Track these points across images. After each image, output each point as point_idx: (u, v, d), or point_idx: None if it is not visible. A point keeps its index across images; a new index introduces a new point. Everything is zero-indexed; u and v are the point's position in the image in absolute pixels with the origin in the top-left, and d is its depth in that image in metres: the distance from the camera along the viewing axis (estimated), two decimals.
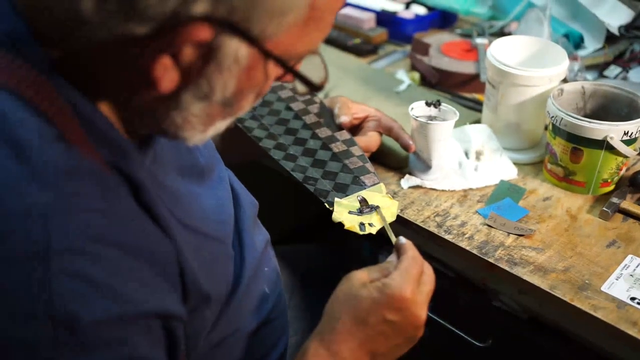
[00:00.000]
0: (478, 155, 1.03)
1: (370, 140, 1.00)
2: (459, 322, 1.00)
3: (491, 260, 0.86)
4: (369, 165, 0.96)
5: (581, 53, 1.28)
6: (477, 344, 0.98)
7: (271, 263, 0.84)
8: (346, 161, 0.96)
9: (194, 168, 0.72)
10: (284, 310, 0.86)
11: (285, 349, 0.84)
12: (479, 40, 1.35)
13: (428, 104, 1.00)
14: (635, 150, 0.95)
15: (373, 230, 0.86)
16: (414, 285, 0.69)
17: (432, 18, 1.48)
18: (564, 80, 1.08)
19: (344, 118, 1.00)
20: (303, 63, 0.59)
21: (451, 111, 0.99)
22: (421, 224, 0.93)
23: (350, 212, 0.88)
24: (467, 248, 0.89)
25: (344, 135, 1.00)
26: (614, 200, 0.95)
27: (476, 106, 1.19)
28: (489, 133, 1.06)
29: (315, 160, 0.97)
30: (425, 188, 0.99)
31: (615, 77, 1.24)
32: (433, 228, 0.92)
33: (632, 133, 0.92)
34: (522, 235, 0.90)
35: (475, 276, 0.94)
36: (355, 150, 0.98)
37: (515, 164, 1.04)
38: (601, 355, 0.85)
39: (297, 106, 1.05)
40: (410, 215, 0.94)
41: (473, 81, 1.26)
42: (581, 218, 0.94)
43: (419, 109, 1.00)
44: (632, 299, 0.80)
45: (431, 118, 0.99)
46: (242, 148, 1.02)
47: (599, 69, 1.27)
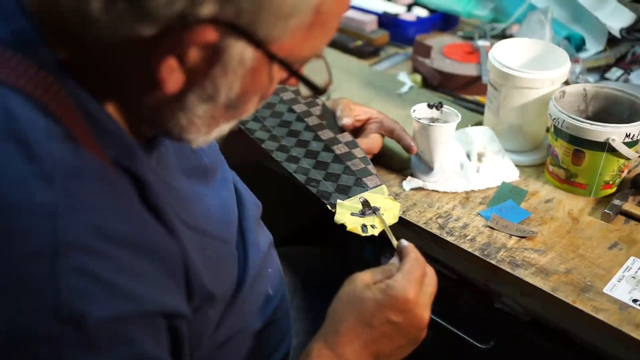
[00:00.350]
0: (480, 157, 1.03)
1: (372, 142, 1.00)
2: (461, 324, 1.00)
3: (493, 262, 0.86)
4: (371, 167, 0.96)
5: (583, 55, 1.28)
6: (479, 346, 0.98)
7: (274, 264, 0.84)
8: (348, 163, 0.96)
9: (199, 169, 0.72)
10: (287, 311, 0.86)
11: (288, 350, 0.85)
12: (481, 42, 1.35)
13: (430, 106, 1.00)
14: (637, 152, 0.95)
15: (375, 232, 0.86)
16: (417, 286, 0.69)
17: (434, 20, 1.48)
18: (566, 82, 1.08)
19: (346, 120, 1.00)
20: (307, 66, 0.59)
21: (453, 113, 0.99)
22: (423, 226, 0.93)
23: (352, 214, 0.88)
24: (469, 250, 0.89)
25: (346, 137, 1.00)
26: (616, 202, 0.95)
27: (478, 108, 1.20)
28: (491, 135, 1.06)
29: (317, 162, 0.97)
30: (427, 190, 1.00)
31: (617, 80, 1.24)
32: (435, 230, 0.92)
33: (634, 135, 0.92)
34: (524, 237, 0.90)
35: (477, 278, 0.94)
36: (357, 152, 0.98)
37: (517, 166, 1.04)
38: (603, 357, 0.85)
39: (300, 108, 1.05)
40: (412, 217, 0.94)
41: (475, 83, 1.26)
42: (583, 220, 0.94)
43: (421, 111, 1.00)
44: (634, 301, 0.80)
45: (433, 120, 1.00)
46: (245, 150, 1.02)
47: (601, 72, 1.27)
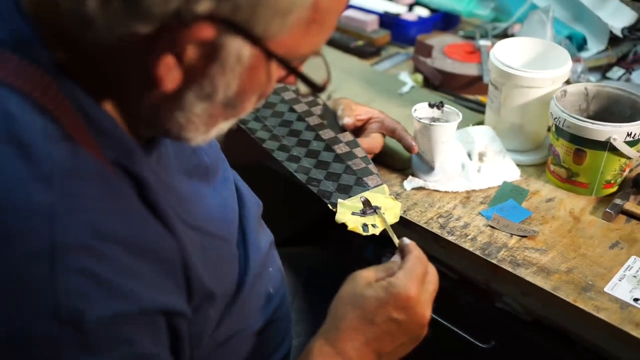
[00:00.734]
0: (481, 156, 1.03)
1: (373, 141, 1.00)
2: (462, 324, 1.00)
3: (494, 261, 0.86)
4: (372, 166, 0.96)
5: (584, 55, 1.28)
6: (480, 345, 0.98)
7: (275, 264, 0.84)
8: (349, 162, 0.96)
9: (199, 168, 0.72)
10: (288, 310, 0.86)
11: (288, 350, 0.84)
12: (482, 42, 1.35)
13: (431, 106, 1.00)
14: (638, 151, 0.95)
15: (376, 231, 0.86)
16: (419, 284, 0.69)
17: (435, 20, 1.48)
18: (567, 81, 1.08)
19: (347, 120, 1.00)
20: (306, 64, 0.59)
21: (454, 113, 0.99)
22: (424, 225, 0.93)
23: (353, 213, 0.88)
24: (470, 249, 0.89)
25: (347, 136, 1.00)
26: (617, 201, 0.95)
27: (479, 108, 1.19)
28: (492, 135, 1.06)
29: (318, 161, 0.97)
30: (428, 189, 1.00)
31: (618, 79, 1.24)
32: (436, 229, 0.92)
33: (635, 134, 0.92)
34: (525, 236, 0.90)
35: (478, 277, 0.94)
36: (358, 151, 0.98)
37: (518, 166, 1.04)
38: (603, 356, 0.85)
39: (301, 108, 1.05)
40: (413, 216, 0.94)
41: (476, 83, 1.26)
42: (584, 219, 0.94)
43: (422, 111, 1.00)
44: (635, 300, 0.80)
45: (434, 120, 1.00)
46: (246, 149, 1.02)
47: (602, 71, 1.27)
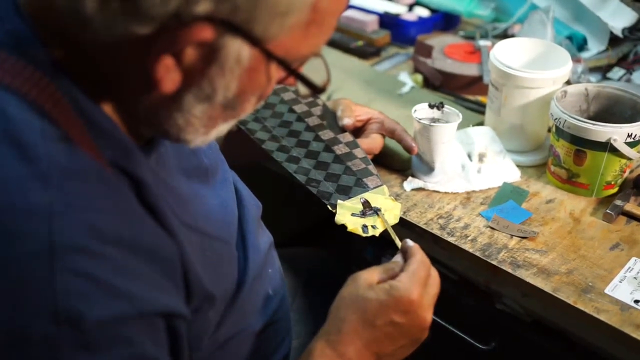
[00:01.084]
0: (481, 157, 1.03)
1: (373, 142, 1.00)
2: (462, 325, 1.00)
3: (494, 262, 0.86)
4: (372, 167, 0.96)
5: (584, 55, 1.28)
6: (480, 347, 0.97)
7: (275, 265, 0.84)
8: (349, 163, 0.96)
9: (198, 169, 0.72)
10: (288, 312, 0.86)
11: (288, 351, 0.84)
12: (482, 42, 1.35)
13: (431, 106, 1.00)
14: (639, 152, 0.94)
15: (376, 232, 0.86)
16: (421, 288, 0.69)
17: (435, 20, 1.48)
18: (568, 82, 1.07)
19: (347, 120, 1.00)
20: (306, 65, 0.59)
21: (454, 113, 0.99)
22: (424, 227, 0.92)
23: (353, 215, 0.88)
24: (470, 250, 0.88)
25: (347, 137, 1.00)
26: (618, 202, 0.94)
27: (479, 108, 1.19)
28: (492, 135, 1.05)
29: (318, 162, 0.96)
30: (428, 190, 0.99)
31: (618, 79, 1.24)
32: (436, 230, 0.92)
33: (636, 135, 0.92)
34: (525, 237, 0.90)
35: (478, 279, 0.93)
36: (358, 152, 0.97)
37: (518, 166, 1.04)
38: (604, 358, 0.85)
39: (300, 108, 1.05)
40: (413, 217, 0.94)
41: (476, 83, 1.26)
42: (584, 220, 0.94)
43: (422, 111, 1.00)
44: (636, 302, 0.80)
45: (434, 120, 0.99)
46: (245, 150, 1.02)
47: (603, 71, 1.27)
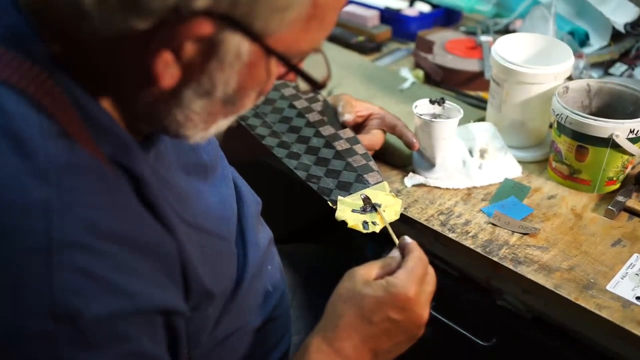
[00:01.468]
0: (482, 153, 1.03)
1: (373, 138, 1.00)
2: (463, 321, 1.00)
3: (495, 259, 0.86)
4: (373, 163, 0.95)
5: (586, 50, 1.27)
6: (481, 343, 0.97)
7: (274, 261, 0.84)
8: (349, 159, 0.95)
9: (198, 165, 0.72)
10: (287, 308, 0.85)
11: (288, 348, 0.84)
12: (484, 37, 1.34)
13: (432, 102, 0.99)
14: None
15: (376, 228, 0.86)
16: (418, 285, 0.69)
17: (436, 15, 1.47)
18: (569, 78, 1.07)
19: (348, 116, 1.00)
20: (306, 61, 0.59)
21: (455, 109, 0.98)
22: (425, 223, 0.92)
23: (353, 211, 0.88)
24: (471, 247, 0.88)
25: (348, 133, 1.00)
26: (620, 198, 0.94)
27: (480, 104, 1.19)
28: (493, 131, 1.05)
29: (318, 158, 0.96)
30: (429, 186, 0.99)
31: (620, 75, 1.23)
32: (437, 227, 0.92)
33: (638, 131, 0.92)
34: (527, 233, 0.90)
35: (479, 275, 0.93)
36: (358, 148, 0.97)
37: (519, 162, 1.03)
38: (606, 355, 0.84)
39: (301, 104, 1.04)
40: (413, 213, 0.94)
41: (477, 79, 1.25)
42: (586, 216, 0.93)
43: (423, 107, 0.99)
44: (638, 298, 0.79)
45: (435, 116, 0.99)
46: (245, 146, 1.01)
47: (605, 67, 1.26)
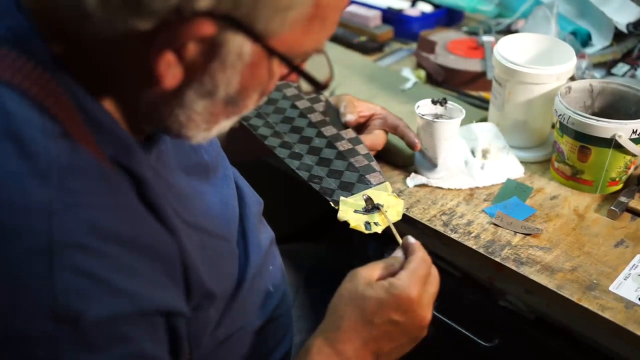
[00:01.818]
0: (484, 153, 1.02)
1: (375, 138, 0.99)
2: (465, 322, 1.00)
3: (498, 259, 0.86)
4: (375, 163, 0.95)
5: (589, 51, 1.27)
6: (484, 344, 0.97)
7: (276, 261, 0.84)
8: (352, 160, 0.95)
9: (199, 166, 0.72)
10: (289, 308, 0.85)
11: (289, 348, 0.84)
12: (486, 37, 1.34)
13: (434, 102, 0.99)
14: None
15: (379, 229, 0.86)
16: (421, 286, 0.69)
17: (438, 16, 1.47)
18: (572, 78, 1.07)
19: (350, 116, 0.99)
20: (308, 61, 0.59)
21: (457, 109, 0.98)
22: (427, 223, 0.92)
23: (355, 211, 0.88)
24: (474, 247, 0.88)
25: (350, 133, 0.99)
26: (622, 199, 0.94)
27: (483, 104, 1.19)
28: (496, 131, 1.05)
29: (320, 158, 0.96)
30: (431, 187, 0.99)
31: (623, 75, 1.23)
32: (439, 227, 0.91)
33: None
34: (529, 234, 0.90)
35: (481, 275, 0.93)
36: (360, 148, 0.97)
37: (522, 163, 1.03)
38: (608, 355, 0.84)
39: (303, 104, 1.04)
40: (416, 214, 0.94)
41: (479, 79, 1.25)
42: (589, 217, 0.93)
43: (425, 107, 0.99)
44: None
45: (437, 116, 0.99)
46: (247, 146, 1.01)
47: (607, 67, 1.26)
